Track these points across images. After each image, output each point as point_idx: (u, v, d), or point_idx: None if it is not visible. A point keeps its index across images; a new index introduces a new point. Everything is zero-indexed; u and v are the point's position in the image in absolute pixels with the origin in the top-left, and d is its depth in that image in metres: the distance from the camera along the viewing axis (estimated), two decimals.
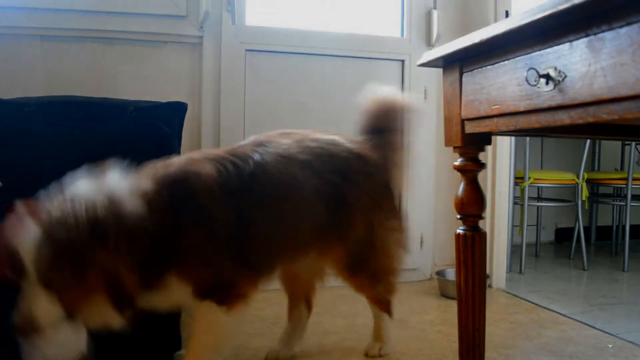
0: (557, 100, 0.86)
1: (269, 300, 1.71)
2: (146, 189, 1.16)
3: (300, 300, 1.65)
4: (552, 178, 3.14)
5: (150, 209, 1.13)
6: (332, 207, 1.38)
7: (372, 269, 1.51)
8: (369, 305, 1.62)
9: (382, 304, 1.61)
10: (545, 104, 0.89)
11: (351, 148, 1.48)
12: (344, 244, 1.44)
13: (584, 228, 3.31)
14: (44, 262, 1.04)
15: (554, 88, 0.86)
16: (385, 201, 1.53)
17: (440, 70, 1.24)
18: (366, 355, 1.63)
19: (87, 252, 1.05)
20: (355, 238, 1.45)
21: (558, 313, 2.14)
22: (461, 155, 1.21)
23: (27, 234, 1.07)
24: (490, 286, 2.50)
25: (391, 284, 1.58)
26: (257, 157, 1.29)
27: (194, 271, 1.19)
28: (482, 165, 1.21)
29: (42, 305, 1.04)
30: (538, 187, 3.48)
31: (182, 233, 1.17)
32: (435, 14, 2.61)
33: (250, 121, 2.40)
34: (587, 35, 0.79)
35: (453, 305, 2.17)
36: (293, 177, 1.32)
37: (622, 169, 3.78)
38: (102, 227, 1.06)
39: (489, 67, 1.05)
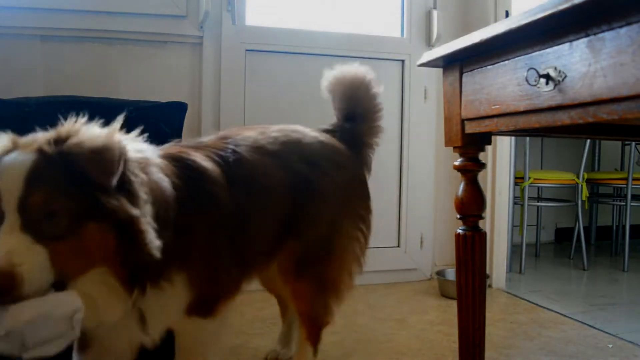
0: (557, 100, 0.86)
1: (269, 300, 1.71)
2: (161, 163, 0.98)
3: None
4: (552, 178, 3.14)
5: (173, 185, 0.96)
6: (299, 197, 1.24)
7: (319, 277, 1.29)
8: (299, 326, 1.39)
9: (312, 329, 1.35)
10: (545, 104, 0.89)
11: (317, 136, 1.35)
12: (299, 239, 1.25)
13: (584, 228, 3.31)
14: (35, 201, 0.76)
15: (554, 88, 0.86)
16: (357, 201, 1.36)
17: (440, 70, 1.24)
18: None
19: (101, 194, 0.79)
20: (312, 235, 1.27)
21: (558, 313, 2.14)
22: (461, 155, 1.21)
23: (11, 162, 0.78)
24: (490, 286, 2.50)
25: (331, 307, 1.33)
26: (232, 147, 1.16)
27: (201, 274, 1.01)
28: (482, 165, 1.21)
29: (27, 261, 0.73)
30: (538, 187, 3.48)
31: (195, 224, 1.01)
32: (435, 14, 2.61)
33: (250, 121, 2.40)
34: (587, 35, 0.79)
35: (453, 305, 2.17)
36: (269, 167, 1.21)
37: (622, 169, 3.78)
38: (124, 164, 0.83)
39: (489, 67, 1.05)
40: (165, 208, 0.92)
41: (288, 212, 1.23)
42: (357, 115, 1.48)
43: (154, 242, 0.83)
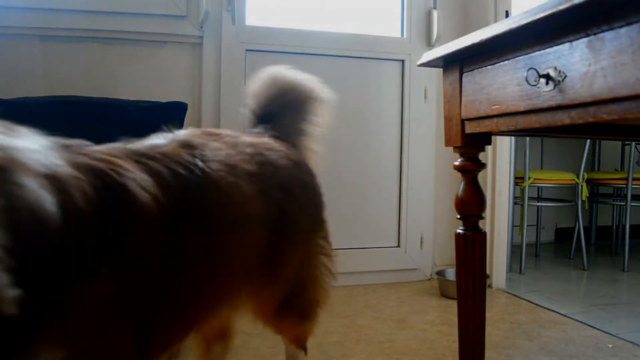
0: (557, 100, 0.86)
1: None
2: (66, 176, 0.65)
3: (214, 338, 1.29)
4: (552, 178, 3.14)
5: (65, 209, 0.62)
6: (274, 233, 1.04)
7: (302, 305, 1.20)
8: (285, 344, 1.30)
9: (300, 341, 1.29)
10: (545, 104, 0.89)
11: (288, 154, 1.16)
12: (277, 281, 1.10)
13: (584, 228, 3.32)
14: None
15: (554, 88, 0.86)
16: (318, 217, 1.23)
17: (440, 70, 1.24)
18: None
19: None
20: (290, 271, 1.13)
21: (558, 313, 2.14)
22: (461, 155, 1.21)
23: None
24: (490, 286, 2.50)
25: (316, 320, 1.25)
26: (200, 164, 0.88)
27: (94, 354, 0.67)
28: (482, 165, 1.21)
29: None
30: (538, 187, 3.48)
31: (97, 276, 0.66)
32: (435, 14, 2.61)
33: None
34: (587, 35, 0.79)
35: (453, 305, 2.17)
36: (245, 195, 0.96)
37: (622, 169, 3.78)
38: None
39: (489, 67, 1.05)
40: (42, 241, 0.60)
41: (260, 251, 1.02)
42: (291, 120, 1.32)
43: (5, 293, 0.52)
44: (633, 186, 3.16)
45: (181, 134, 0.96)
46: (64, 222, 0.62)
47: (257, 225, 0.99)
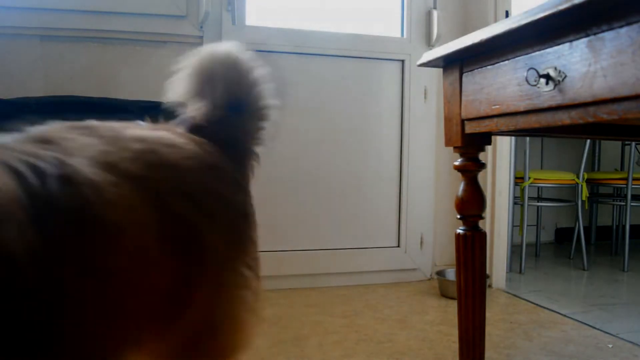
0: (557, 100, 0.86)
1: (269, 300, 1.72)
2: None
3: None
4: (552, 178, 3.14)
5: None
6: (175, 256, 0.77)
7: (213, 351, 0.90)
8: None
9: None
10: (545, 104, 0.89)
11: (196, 153, 0.87)
12: (180, 318, 0.81)
13: (584, 228, 3.32)
14: None
15: (554, 88, 0.86)
16: (240, 240, 0.94)
17: (440, 70, 1.24)
18: None
19: None
20: (198, 307, 0.84)
21: (558, 313, 2.14)
22: (461, 155, 1.21)
23: None
24: (490, 286, 2.50)
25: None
26: (62, 159, 0.64)
27: None
28: (482, 165, 1.21)
29: None
30: (538, 187, 3.48)
31: None
32: (435, 14, 2.61)
33: None
34: (587, 35, 0.79)
35: (453, 305, 2.17)
36: (130, 200, 0.70)
37: (622, 169, 3.79)
38: None
39: (489, 67, 1.05)
40: None
41: (156, 277, 0.75)
42: (242, 104, 1.04)
43: None
44: (633, 186, 3.17)
45: (37, 128, 0.72)
46: None
47: (148, 240, 0.72)
